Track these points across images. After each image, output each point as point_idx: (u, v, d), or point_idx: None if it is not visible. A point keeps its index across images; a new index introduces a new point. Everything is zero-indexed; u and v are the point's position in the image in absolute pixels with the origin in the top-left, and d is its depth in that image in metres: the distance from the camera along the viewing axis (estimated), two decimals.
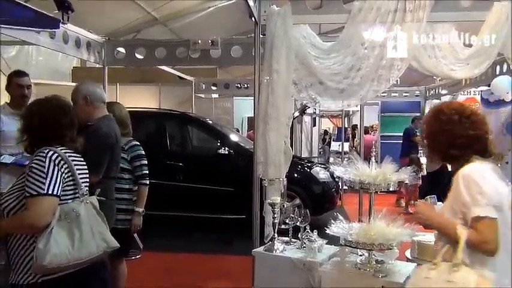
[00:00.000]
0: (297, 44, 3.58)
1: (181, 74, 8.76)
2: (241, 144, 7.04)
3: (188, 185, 6.51)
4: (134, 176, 3.53)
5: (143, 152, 3.59)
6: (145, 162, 3.58)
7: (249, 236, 3.75)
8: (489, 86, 6.68)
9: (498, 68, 5.88)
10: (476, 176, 1.93)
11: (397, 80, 8.78)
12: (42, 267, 2.05)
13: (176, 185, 6.52)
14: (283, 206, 3.23)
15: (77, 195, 2.24)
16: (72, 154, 2.28)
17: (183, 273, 4.96)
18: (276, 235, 3.11)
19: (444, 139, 2.06)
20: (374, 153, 2.94)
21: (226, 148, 6.75)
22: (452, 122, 2.04)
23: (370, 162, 2.82)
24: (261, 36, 3.78)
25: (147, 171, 3.57)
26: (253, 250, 3.19)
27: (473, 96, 9.72)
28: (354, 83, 3.59)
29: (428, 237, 3.07)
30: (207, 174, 6.65)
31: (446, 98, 10.05)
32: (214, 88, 9.75)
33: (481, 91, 7.53)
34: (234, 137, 7.40)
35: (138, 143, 3.60)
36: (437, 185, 7.94)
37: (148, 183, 3.58)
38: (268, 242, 3.23)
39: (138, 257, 5.23)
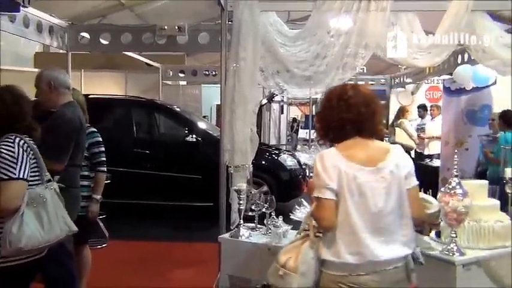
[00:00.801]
0: (264, 31, 3.58)
1: (148, 60, 8.64)
2: (210, 132, 7.03)
3: (155, 173, 6.47)
4: (92, 162, 3.49)
5: (101, 139, 3.55)
6: (103, 149, 3.55)
7: (217, 223, 3.78)
8: (451, 74, 6.88)
9: (460, 57, 6.05)
10: (319, 160, 2.08)
11: (363, 69, 8.97)
12: (19, 249, 2.15)
13: (143, 173, 6.47)
14: (250, 192, 3.26)
15: (40, 181, 2.31)
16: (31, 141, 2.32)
17: (150, 261, 4.95)
18: (242, 221, 3.14)
19: (324, 122, 2.18)
20: None
21: (194, 136, 6.73)
22: (331, 106, 2.14)
23: None
24: (228, 23, 3.76)
25: (104, 158, 3.55)
26: (219, 236, 3.22)
27: (436, 85, 9.97)
28: (320, 70, 3.63)
29: None
30: (174, 162, 6.63)
31: (410, 87, 10.31)
32: (182, 75, 9.66)
33: (444, 80, 7.74)
34: (202, 125, 7.38)
35: (96, 130, 3.55)
36: None
37: (106, 170, 3.55)
38: (234, 228, 3.26)
39: (104, 245, 5.18)
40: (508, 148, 3.30)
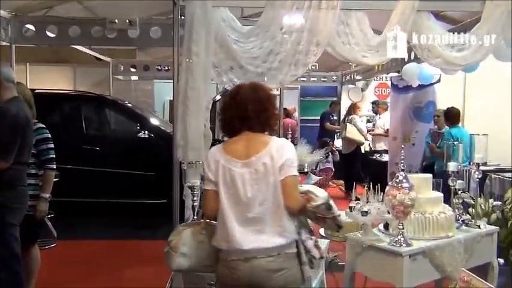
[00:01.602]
0: (216, 27, 3.57)
1: (97, 54, 8.40)
2: (162, 128, 6.93)
3: (106, 170, 6.30)
4: (40, 160, 3.37)
5: (49, 135, 3.43)
6: (52, 145, 3.43)
7: (170, 220, 3.74)
8: (399, 72, 7.12)
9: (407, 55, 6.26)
10: (207, 155, 2.34)
11: (315, 65, 9.10)
12: None
13: (93, 170, 6.28)
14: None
15: None
16: None
17: (101, 261, 4.84)
18: (195, 218, 3.13)
19: (221, 119, 2.36)
20: (290, 136, 3.03)
21: (147, 132, 6.62)
22: (225, 104, 2.34)
23: None
24: (180, 17, 3.73)
25: (53, 155, 3.42)
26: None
27: (385, 82, 10.29)
28: (273, 67, 3.67)
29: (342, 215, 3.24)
30: (126, 158, 6.48)
31: (360, 84, 10.59)
32: (133, 70, 9.46)
33: (392, 77, 8.00)
34: (154, 121, 7.25)
35: (44, 126, 3.42)
36: (353, 164, 8.40)
37: (55, 167, 3.44)
38: None
39: (52, 246, 5.02)
40: (452, 143, 3.45)
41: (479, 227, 3.06)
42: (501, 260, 3.16)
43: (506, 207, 3.45)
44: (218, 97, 7.81)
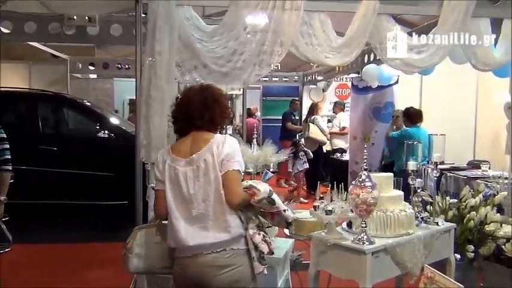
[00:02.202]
0: (180, 25, 3.52)
1: (54, 51, 8.13)
2: (123, 128, 6.79)
3: (65, 171, 6.11)
4: None
5: (4, 135, 3.29)
6: (7, 146, 3.29)
7: (133, 221, 3.66)
8: (359, 73, 7.27)
9: (366, 57, 6.41)
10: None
11: (277, 66, 9.17)
12: None
13: (51, 171, 6.08)
14: None
15: None
16: None
17: (60, 264, 4.71)
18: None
19: (172, 121, 2.47)
20: (256, 136, 3.03)
21: (106, 131, 6.47)
22: (175, 106, 2.46)
23: (252, 144, 2.92)
24: (142, 15, 3.66)
25: (9, 156, 3.29)
26: None
27: (345, 83, 10.48)
28: (237, 66, 3.66)
29: (304, 214, 3.28)
30: (85, 159, 6.31)
31: (321, 84, 10.74)
32: (92, 68, 9.22)
33: (352, 78, 8.16)
34: (114, 120, 7.10)
35: None
36: (316, 164, 8.51)
37: (10, 168, 3.31)
38: None
39: (7, 250, 4.81)
40: (411, 143, 3.55)
41: (437, 224, 3.17)
42: (458, 256, 3.28)
43: (462, 205, 3.58)
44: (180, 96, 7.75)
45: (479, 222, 3.44)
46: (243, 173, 2.35)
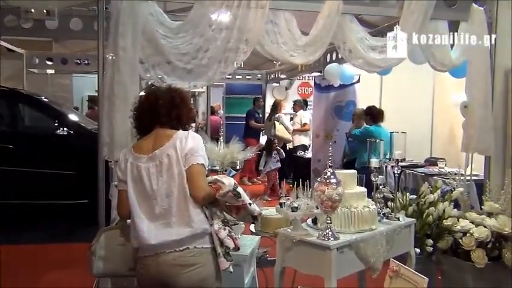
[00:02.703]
0: (144, 21, 3.47)
1: (9, 45, 7.81)
2: (82, 125, 6.63)
3: (21, 170, 5.89)
4: None
5: None
6: None
7: (94, 221, 3.58)
8: (321, 72, 7.38)
9: (329, 56, 6.52)
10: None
11: (240, 64, 9.12)
12: None
13: (6, 169, 5.84)
14: None
15: None
16: None
17: (21, 266, 4.53)
18: None
19: (134, 118, 2.47)
20: (222, 134, 3.03)
21: (65, 129, 6.29)
22: (139, 103, 2.47)
23: (218, 142, 2.91)
24: (105, 9, 3.58)
25: None
26: None
27: (307, 81, 10.61)
28: (202, 64, 3.64)
29: (270, 211, 3.30)
30: (43, 157, 6.10)
31: (284, 82, 10.83)
32: (49, 63, 8.89)
33: (314, 77, 8.26)
34: (73, 117, 6.91)
35: None
36: (281, 162, 8.55)
37: None
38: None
39: None
40: (374, 140, 3.63)
41: (398, 219, 3.25)
42: (417, 250, 3.38)
43: (421, 201, 3.69)
44: (142, 93, 7.62)
45: (437, 217, 3.55)
46: (208, 169, 2.34)
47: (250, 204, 2.36)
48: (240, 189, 2.31)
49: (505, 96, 4.30)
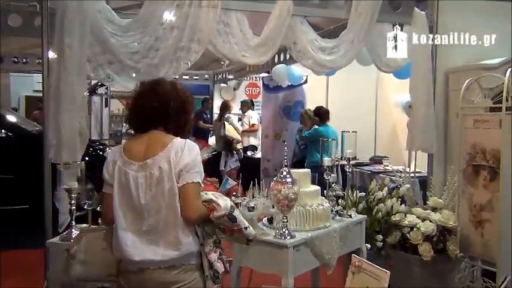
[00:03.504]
0: (92, 18, 3.34)
1: None
2: (22, 126, 6.30)
3: None
4: None
5: None
6: None
7: (36, 227, 3.41)
8: (269, 72, 7.44)
9: (277, 57, 6.57)
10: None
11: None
12: None
13: None
14: (78, 192, 3.02)
15: None
16: None
17: None
18: (73, 222, 2.91)
19: (132, 110, 2.25)
20: None
21: (3, 130, 5.95)
22: (142, 94, 2.22)
23: None
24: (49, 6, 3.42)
25: None
26: (47, 241, 2.92)
27: (255, 82, 10.67)
28: (153, 63, 3.55)
29: None
30: None
31: (232, 83, 10.83)
32: None
33: (263, 77, 8.32)
34: (12, 118, 6.56)
35: None
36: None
37: None
38: (64, 231, 3.00)
39: None
40: (326, 140, 3.72)
41: (350, 216, 3.35)
42: (368, 245, 3.49)
43: (370, 198, 3.81)
44: (86, 94, 7.35)
45: (386, 213, 3.69)
46: (202, 185, 2.12)
47: (246, 228, 2.20)
48: (236, 213, 2.15)
49: (445, 97, 4.52)
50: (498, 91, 3.46)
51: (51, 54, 3.42)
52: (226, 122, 8.31)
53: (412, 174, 4.43)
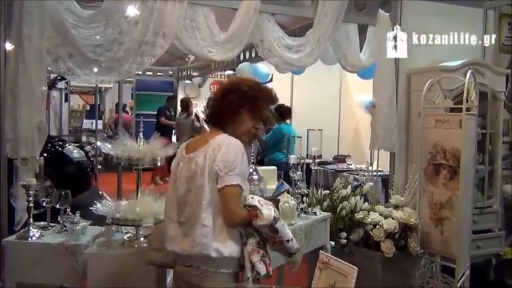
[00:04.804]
0: (52, 9, 3.21)
1: None
2: None
3: None
4: None
5: None
6: None
7: None
8: (234, 70, 7.43)
9: (242, 54, 6.56)
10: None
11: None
12: None
13: None
14: (36, 189, 2.91)
15: None
16: None
17: None
18: (31, 220, 2.80)
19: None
20: (141, 131, 2.90)
21: None
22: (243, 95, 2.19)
23: (138, 139, 2.80)
24: None
25: None
26: (3, 240, 2.79)
27: (220, 79, 10.61)
28: (116, 57, 3.45)
29: None
30: None
31: (197, 80, 10.74)
32: None
33: (228, 75, 8.30)
34: None
35: None
36: None
37: None
38: (21, 229, 2.88)
39: None
40: (291, 137, 3.73)
41: (315, 213, 3.37)
42: (332, 243, 3.52)
43: (334, 195, 3.85)
44: (45, 88, 7.10)
45: (349, 211, 3.74)
46: (243, 187, 2.02)
47: (288, 241, 2.09)
48: (279, 225, 2.01)
49: (407, 98, 4.63)
50: (458, 92, 3.57)
51: (9, 46, 3.27)
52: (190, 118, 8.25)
53: (374, 173, 4.52)
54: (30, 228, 2.77)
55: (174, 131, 9.38)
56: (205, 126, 8.30)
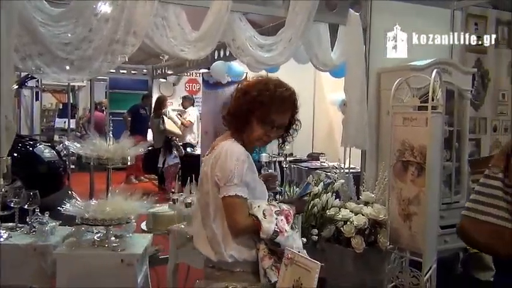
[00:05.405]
0: (20, 6, 3.17)
1: None
2: None
3: None
4: None
5: None
6: None
7: None
8: (209, 69, 7.41)
9: (216, 53, 6.55)
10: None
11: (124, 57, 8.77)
12: None
13: None
14: (6, 190, 2.88)
15: None
16: None
17: None
18: None
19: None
20: (111, 129, 2.90)
21: None
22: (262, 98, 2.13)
23: (108, 138, 2.79)
24: None
25: None
26: None
27: (195, 78, 10.57)
28: (87, 55, 3.43)
29: (163, 209, 3.25)
30: None
31: (172, 78, 10.67)
32: None
33: (202, 73, 8.27)
34: None
35: None
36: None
37: None
38: None
39: None
40: None
41: None
42: (304, 239, 3.56)
43: (307, 193, 3.89)
44: (15, 86, 6.95)
45: (321, 208, 3.79)
46: (245, 197, 1.93)
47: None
48: (280, 239, 1.90)
49: (377, 96, 4.70)
50: (426, 91, 3.65)
51: None
52: (165, 116, 8.18)
53: (346, 170, 4.58)
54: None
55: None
56: (173, 129, 8.28)
